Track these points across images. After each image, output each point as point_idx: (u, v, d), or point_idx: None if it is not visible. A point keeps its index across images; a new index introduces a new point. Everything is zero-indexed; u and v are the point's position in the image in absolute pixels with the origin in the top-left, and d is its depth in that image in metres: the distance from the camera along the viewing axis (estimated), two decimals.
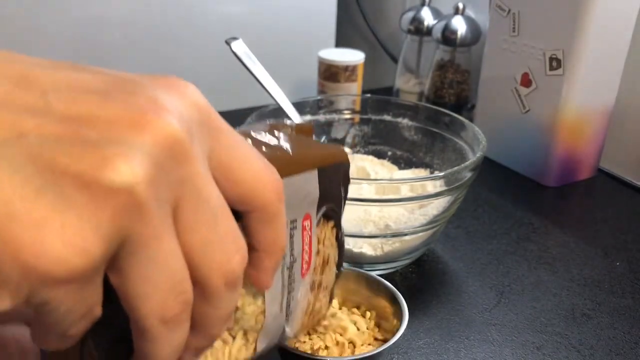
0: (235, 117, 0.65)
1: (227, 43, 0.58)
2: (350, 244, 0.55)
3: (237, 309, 0.28)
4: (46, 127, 0.17)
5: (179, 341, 0.21)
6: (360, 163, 0.69)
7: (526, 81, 0.76)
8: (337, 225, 0.34)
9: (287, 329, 0.33)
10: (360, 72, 0.89)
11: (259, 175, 0.22)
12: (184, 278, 0.20)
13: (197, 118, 0.20)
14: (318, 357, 0.41)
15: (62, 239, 0.16)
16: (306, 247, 0.30)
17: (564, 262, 0.61)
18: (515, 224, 0.68)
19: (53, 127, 0.17)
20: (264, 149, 0.27)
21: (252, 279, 0.24)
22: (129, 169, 0.17)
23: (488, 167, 0.81)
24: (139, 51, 0.92)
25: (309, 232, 0.30)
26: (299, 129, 0.32)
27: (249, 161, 0.22)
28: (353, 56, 0.88)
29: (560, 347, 0.50)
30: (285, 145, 0.28)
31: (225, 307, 0.22)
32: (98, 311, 0.19)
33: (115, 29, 0.89)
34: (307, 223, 0.30)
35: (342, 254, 0.36)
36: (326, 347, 0.43)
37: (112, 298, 0.19)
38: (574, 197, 0.76)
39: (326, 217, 0.32)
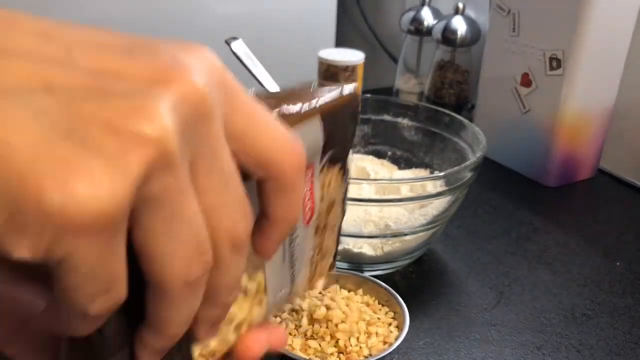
0: None
1: (227, 43, 0.58)
2: (350, 244, 0.55)
3: None
4: (72, 78, 0.17)
5: (195, 307, 0.20)
6: (360, 163, 0.69)
7: (526, 81, 0.76)
8: (343, 167, 0.33)
9: (297, 277, 0.32)
10: (360, 72, 0.89)
11: (277, 143, 0.21)
12: (206, 238, 0.19)
13: (216, 80, 0.20)
14: None
15: (88, 181, 0.16)
16: (307, 194, 0.30)
17: (564, 262, 0.61)
18: (515, 224, 0.68)
19: (79, 78, 0.17)
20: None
21: (255, 246, 0.23)
22: (159, 119, 0.17)
23: (488, 167, 0.81)
24: None
25: (311, 180, 0.29)
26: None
27: (267, 128, 0.21)
28: (353, 56, 0.88)
29: (560, 347, 0.50)
30: (286, 96, 0.27)
31: (233, 273, 0.21)
32: (122, 291, 0.18)
33: (115, 29, 0.89)
34: (309, 172, 0.29)
35: (347, 193, 0.35)
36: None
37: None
38: (574, 197, 0.76)
39: (332, 161, 0.31)
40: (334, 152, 0.31)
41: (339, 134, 0.31)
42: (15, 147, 0.15)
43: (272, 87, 0.60)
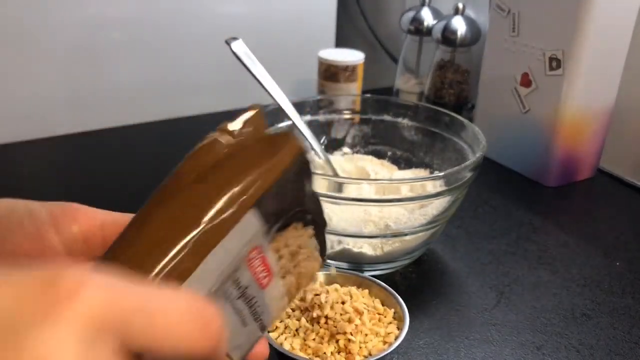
0: None
1: (227, 43, 0.58)
2: (350, 244, 0.55)
3: None
4: None
5: None
6: (360, 163, 0.69)
7: (526, 81, 0.76)
8: (302, 218, 0.30)
9: (268, 316, 0.31)
10: (360, 72, 0.89)
11: (187, 337, 0.21)
12: None
13: (94, 333, 0.18)
14: None
15: None
16: (259, 269, 0.28)
17: (564, 262, 0.61)
18: (515, 224, 0.68)
19: None
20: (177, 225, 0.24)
21: None
22: None
23: (488, 167, 0.81)
24: (139, 51, 0.92)
25: (260, 256, 0.28)
26: (245, 120, 0.28)
27: (171, 330, 0.20)
28: (353, 56, 0.88)
29: (560, 347, 0.50)
30: (207, 191, 0.25)
31: None
32: None
33: (115, 29, 0.89)
34: (254, 254, 0.27)
35: (323, 231, 0.33)
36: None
37: None
38: (574, 197, 0.76)
39: (284, 225, 0.29)
40: (285, 219, 0.29)
41: (288, 199, 0.28)
42: None
43: (272, 87, 0.60)
